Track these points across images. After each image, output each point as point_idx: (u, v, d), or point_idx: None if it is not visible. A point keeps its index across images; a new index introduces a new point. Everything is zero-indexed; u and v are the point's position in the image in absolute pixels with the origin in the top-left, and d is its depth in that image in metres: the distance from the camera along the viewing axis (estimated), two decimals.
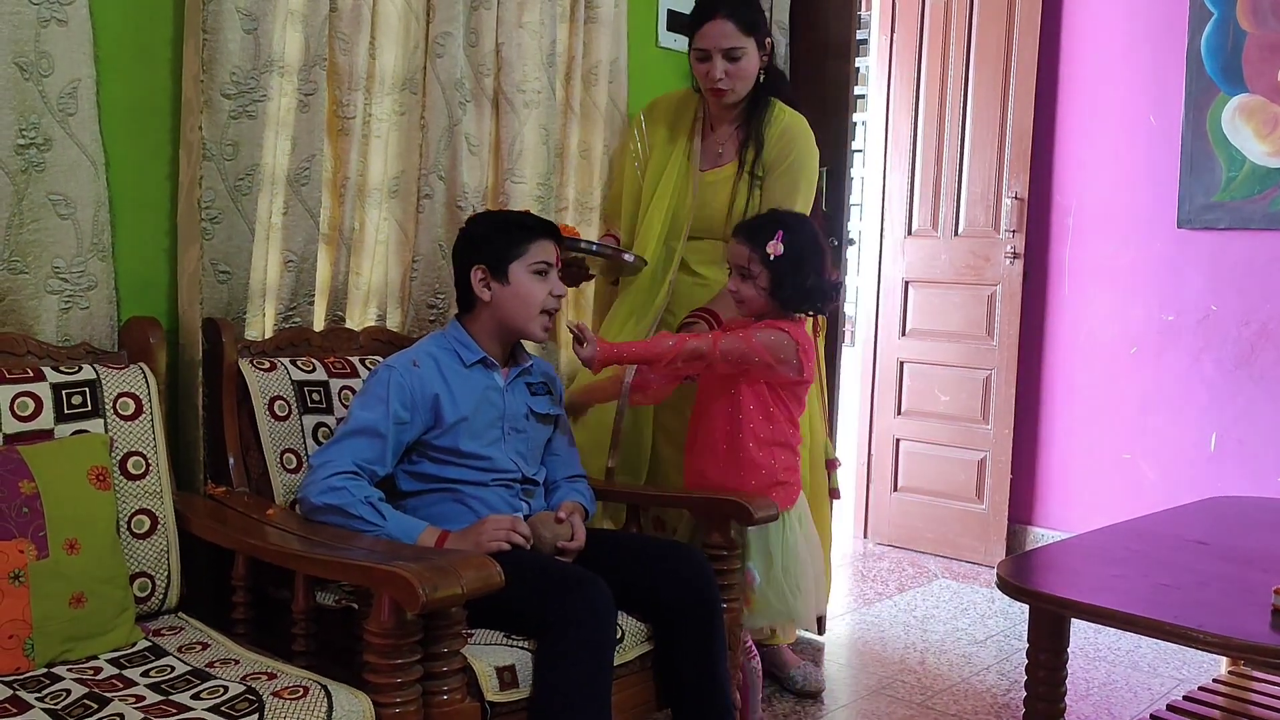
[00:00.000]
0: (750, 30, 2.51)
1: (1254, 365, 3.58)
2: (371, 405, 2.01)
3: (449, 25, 2.45)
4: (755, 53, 2.53)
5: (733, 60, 2.50)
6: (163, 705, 1.50)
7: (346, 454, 1.96)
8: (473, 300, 2.13)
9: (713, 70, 2.51)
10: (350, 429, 1.99)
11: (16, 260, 1.91)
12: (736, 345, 2.22)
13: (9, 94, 1.87)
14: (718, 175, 2.62)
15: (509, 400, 2.14)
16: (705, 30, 2.51)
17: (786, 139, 2.57)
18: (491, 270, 2.10)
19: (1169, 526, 2.30)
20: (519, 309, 2.11)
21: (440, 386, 2.05)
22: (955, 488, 4.17)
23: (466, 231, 2.18)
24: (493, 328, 2.13)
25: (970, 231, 4.13)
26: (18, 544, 1.62)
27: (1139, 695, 2.88)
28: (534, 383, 2.22)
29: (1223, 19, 3.56)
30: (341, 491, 1.91)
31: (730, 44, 2.49)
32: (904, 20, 4.29)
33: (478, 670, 1.75)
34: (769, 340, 2.23)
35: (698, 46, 2.53)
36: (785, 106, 2.62)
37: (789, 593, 2.27)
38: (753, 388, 2.27)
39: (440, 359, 2.09)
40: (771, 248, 2.22)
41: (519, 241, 2.11)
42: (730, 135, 2.63)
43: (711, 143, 2.65)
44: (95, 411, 1.87)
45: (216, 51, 2.06)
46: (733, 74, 2.51)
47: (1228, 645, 1.65)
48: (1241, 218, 3.55)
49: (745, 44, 2.50)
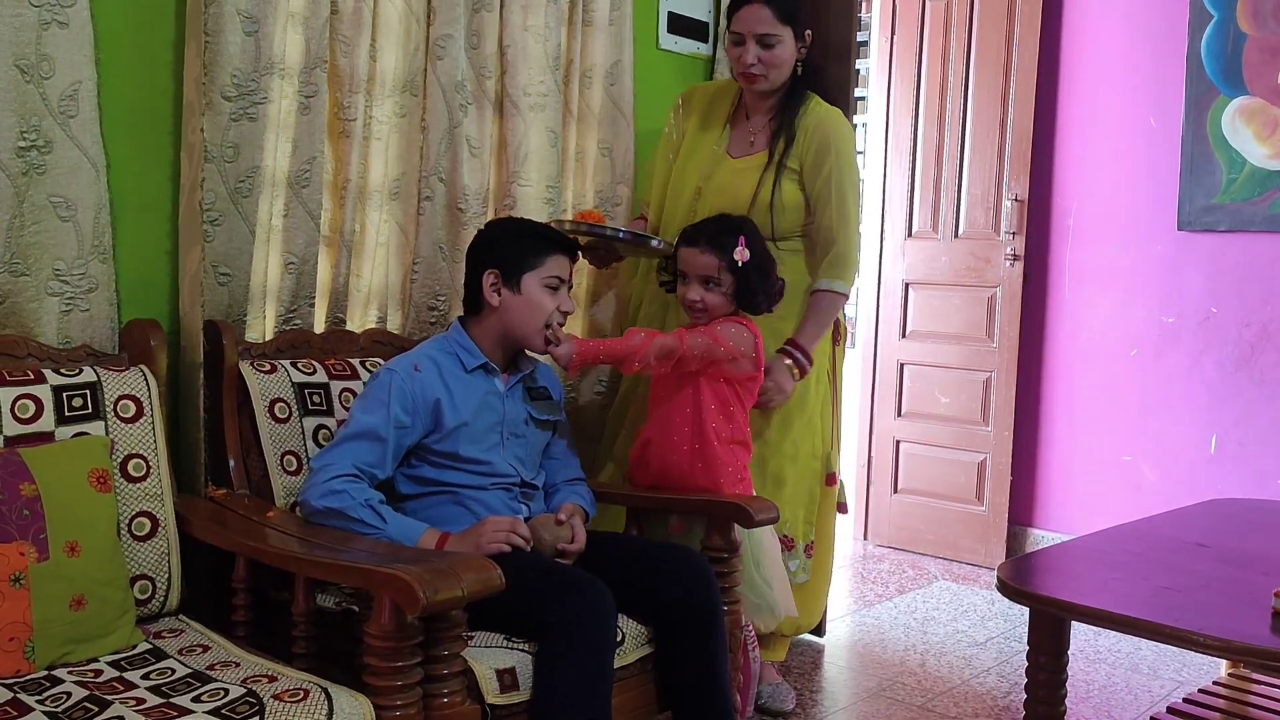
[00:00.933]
0: (787, 19, 2.48)
1: (1254, 367, 3.58)
2: (372, 409, 2.01)
3: (450, 28, 2.46)
4: (791, 42, 2.51)
5: (766, 47, 2.49)
6: (163, 708, 1.50)
7: (347, 457, 1.96)
8: (480, 303, 2.13)
9: (745, 55, 2.49)
10: (351, 432, 1.99)
11: (17, 262, 1.91)
12: (701, 340, 2.27)
13: (10, 96, 1.87)
14: (748, 163, 2.59)
15: (509, 406, 2.14)
16: (742, 14, 2.50)
17: (822, 134, 2.53)
18: (504, 276, 2.10)
19: (1169, 529, 2.30)
20: (525, 319, 2.12)
21: (441, 391, 2.05)
22: (955, 489, 4.17)
23: (485, 234, 2.19)
24: (497, 333, 2.14)
25: (970, 233, 4.13)
26: (18, 546, 1.62)
27: (1139, 698, 2.88)
28: (534, 388, 2.22)
29: (1223, 21, 3.56)
30: (342, 495, 1.91)
31: (765, 30, 2.47)
32: (904, 22, 4.29)
33: (478, 673, 1.75)
34: (731, 333, 2.29)
35: (733, 30, 2.52)
36: (819, 100, 2.60)
37: (764, 585, 2.35)
38: (712, 386, 2.32)
39: (441, 363, 2.09)
40: (738, 254, 2.28)
41: (536, 253, 2.12)
42: (764, 125, 2.61)
43: (745, 130, 2.64)
44: (96, 414, 1.87)
45: (217, 54, 2.06)
46: (766, 60, 2.50)
47: (1228, 648, 1.65)
48: (1242, 220, 3.56)
49: (780, 32, 2.48)
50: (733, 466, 2.33)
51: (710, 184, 2.61)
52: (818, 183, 2.53)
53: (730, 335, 2.29)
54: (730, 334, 2.29)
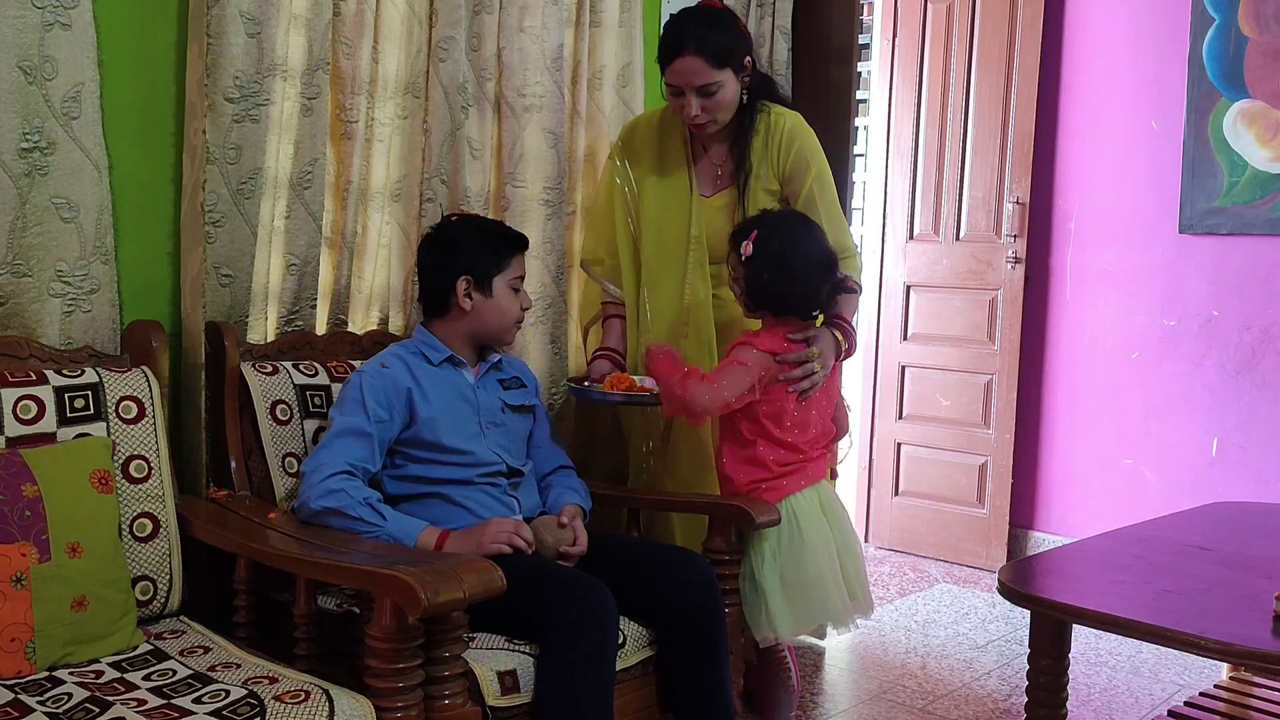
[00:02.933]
0: (723, 63, 2.31)
1: (1256, 370, 3.58)
2: (350, 410, 2.03)
3: (451, 30, 2.46)
4: (733, 81, 2.35)
5: (708, 95, 2.32)
6: (164, 709, 1.50)
7: (338, 455, 1.97)
8: (448, 306, 2.15)
9: (688, 107, 2.34)
10: (335, 432, 2.01)
11: (19, 263, 1.91)
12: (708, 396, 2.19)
13: (13, 97, 1.87)
14: (723, 199, 2.49)
15: (481, 396, 2.17)
16: (674, 67, 2.31)
17: (798, 146, 2.43)
18: (476, 282, 2.14)
19: (1170, 532, 2.30)
20: (497, 320, 2.17)
21: (410, 382, 2.08)
22: (956, 492, 4.17)
23: (447, 238, 2.18)
24: (465, 334, 2.17)
25: (972, 236, 4.13)
26: (20, 547, 1.63)
27: (1140, 701, 2.87)
28: (505, 378, 2.25)
29: (1225, 24, 3.56)
30: (340, 494, 1.92)
31: (702, 80, 2.30)
32: (906, 24, 4.29)
33: (479, 675, 1.75)
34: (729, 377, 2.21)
35: (669, 83, 2.35)
36: (779, 110, 2.47)
37: (752, 601, 2.23)
38: (728, 418, 2.29)
39: (408, 360, 2.12)
40: (744, 248, 2.23)
41: (503, 254, 2.16)
42: (724, 155, 2.49)
43: (708, 165, 2.51)
44: (98, 415, 1.87)
45: (220, 55, 2.07)
46: (710, 108, 2.34)
47: (1229, 651, 1.65)
48: (1243, 223, 3.55)
49: (720, 77, 2.31)
50: (741, 485, 2.29)
51: (699, 229, 2.48)
52: (802, 194, 2.44)
53: (728, 385, 2.20)
54: (727, 384, 2.20)
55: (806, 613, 2.26)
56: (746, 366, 2.22)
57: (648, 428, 2.56)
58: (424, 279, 2.20)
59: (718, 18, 2.37)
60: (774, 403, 2.27)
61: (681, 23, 2.35)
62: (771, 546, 2.25)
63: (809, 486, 2.30)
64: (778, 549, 2.25)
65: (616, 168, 2.58)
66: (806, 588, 2.24)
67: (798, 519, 2.26)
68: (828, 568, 2.27)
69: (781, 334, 2.26)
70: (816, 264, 2.25)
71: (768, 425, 2.27)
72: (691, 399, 2.18)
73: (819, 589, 2.25)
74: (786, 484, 2.28)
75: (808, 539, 2.26)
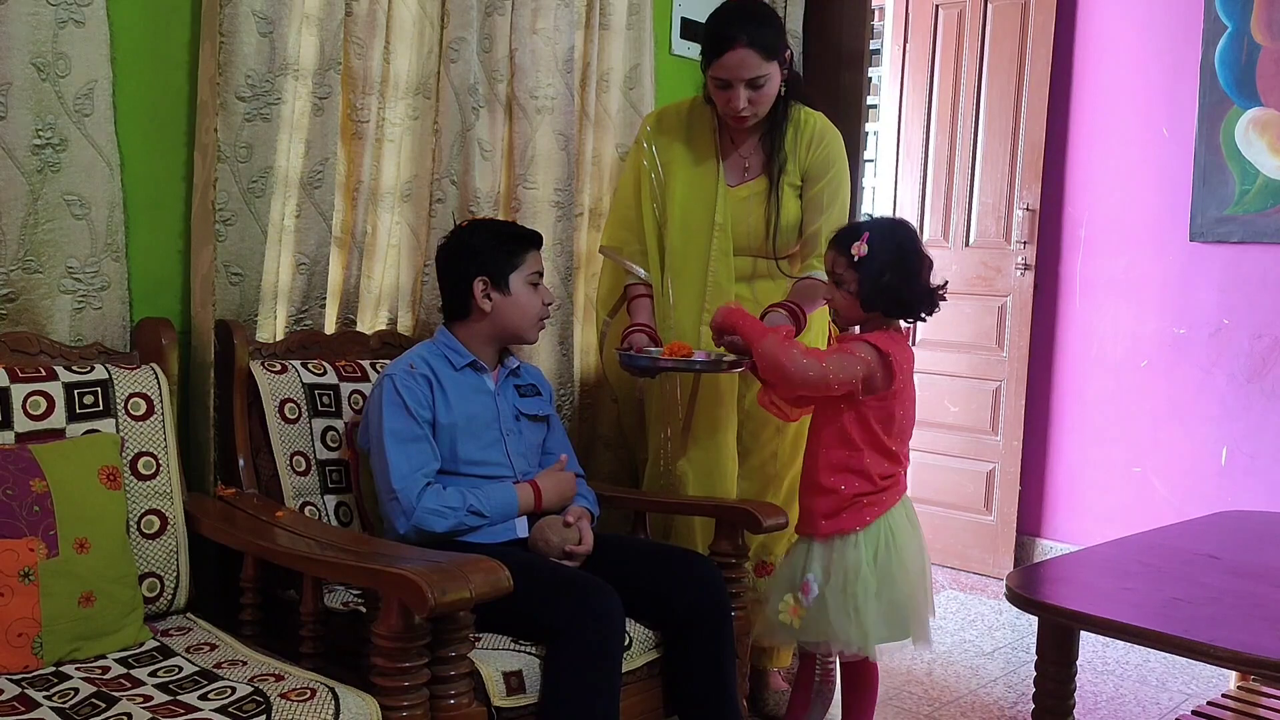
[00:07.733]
0: (772, 55, 2.33)
1: (1266, 379, 3.57)
2: (395, 414, 2.04)
3: (463, 31, 2.46)
4: (778, 73, 2.37)
5: (756, 88, 2.35)
6: (170, 705, 1.50)
7: (416, 471, 2.01)
8: (469, 309, 2.16)
9: (735, 100, 2.35)
10: (394, 442, 2.02)
11: (31, 260, 1.92)
12: (811, 366, 2.11)
13: (26, 94, 1.87)
14: (749, 190, 2.49)
15: (500, 402, 2.18)
16: (725, 61, 2.31)
17: (825, 148, 2.46)
18: (493, 281, 2.15)
19: (1180, 540, 2.29)
20: (519, 318, 2.18)
21: (436, 386, 2.10)
22: (964, 499, 4.16)
23: (464, 241, 2.19)
24: (488, 335, 2.18)
25: (981, 242, 4.13)
26: (28, 542, 1.63)
27: (1147, 709, 2.86)
28: (522, 385, 2.26)
29: (1237, 32, 3.55)
30: (444, 515, 1.99)
31: (753, 73, 2.32)
32: (917, 30, 4.29)
33: (485, 675, 1.75)
34: (834, 363, 2.14)
35: (716, 76, 2.35)
36: (808, 110, 2.51)
37: (842, 613, 2.15)
38: (834, 420, 2.21)
39: (432, 363, 2.13)
40: (856, 249, 2.16)
41: (516, 252, 2.18)
42: (754, 149, 2.51)
43: (736, 159, 2.52)
44: (107, 411, 1.87)
45: (232, 54, 2.07)
46: (756, 100, 2.37)
47: (1238, 660, 1.64)
48: (1254, 231, 3.54)
49: (769, 69, 2.34)
50: (836, 494, 2.19)
51: (723, 217, 2.49)
52: (815, 190, 2.46)
53: (834, 366, 2.13)
54: (834, 364, 2.13)
55: (898, 626, 2.21)
56: (856, 357, 2.15)
57: (667, 416, 2.53)
58: (444, 286, 2.22)
59: (765, 11, 2.42)
60: (884, 407, 2.21)
61: (730, 16, 2.36)
62: (867, 559, 2.17)
63: (901, 498, 2.26)
64: (873, 562, 2.18)
65: (645, 152, 2.58)
66: (899, 602, 2.19)
67: (893, 532, 2.21)
68: (919, 581, 2.22)
69: (890, 335, 2.22)
70: (928, 266, 2.27)
71: (878, 431, 2.21)
72: (792, 360, 2.10)
73: (910, 603, 2.20)
74: (886, 498, 2.22)
75: (902, 552, 2.20)
